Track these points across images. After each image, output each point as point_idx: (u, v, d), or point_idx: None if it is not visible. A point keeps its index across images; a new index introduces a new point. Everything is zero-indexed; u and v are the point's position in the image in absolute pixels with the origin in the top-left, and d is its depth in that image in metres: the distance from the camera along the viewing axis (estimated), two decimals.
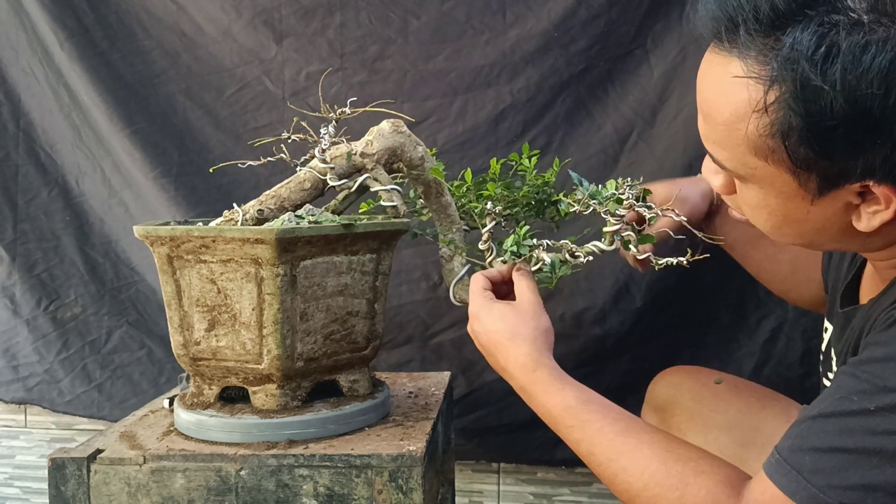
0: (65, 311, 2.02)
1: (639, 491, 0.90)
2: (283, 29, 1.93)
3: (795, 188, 0.82)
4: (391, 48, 1.90)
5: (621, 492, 0.93)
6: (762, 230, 0.91)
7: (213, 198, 1.93)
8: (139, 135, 1.93)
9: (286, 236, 1.10)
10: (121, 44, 1.95)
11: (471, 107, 1.89)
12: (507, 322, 1.02)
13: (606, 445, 0.93)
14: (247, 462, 1.11)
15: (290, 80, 1.94)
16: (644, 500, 0.90)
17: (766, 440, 1.26)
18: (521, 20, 1.86)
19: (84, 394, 2.00)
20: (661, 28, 1.82)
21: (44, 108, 2.01)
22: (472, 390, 1.89)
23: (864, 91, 0.73)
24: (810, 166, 0.79)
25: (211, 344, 1.18)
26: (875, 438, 0.77)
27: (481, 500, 2.03)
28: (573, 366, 1.84)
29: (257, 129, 1.94)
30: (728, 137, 0.83)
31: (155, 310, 2.02)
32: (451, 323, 1.91)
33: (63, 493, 1.13)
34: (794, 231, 0.88)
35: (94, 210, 2.03)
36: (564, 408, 0.97)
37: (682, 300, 1.83)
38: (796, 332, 1.78)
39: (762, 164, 0.82)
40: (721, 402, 1.34)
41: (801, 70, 0.74)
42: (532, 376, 1.00)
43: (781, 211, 0.85)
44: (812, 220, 0.85)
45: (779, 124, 0.78)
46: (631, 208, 1.02)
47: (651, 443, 0.91)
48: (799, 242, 0.91)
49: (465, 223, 1.30)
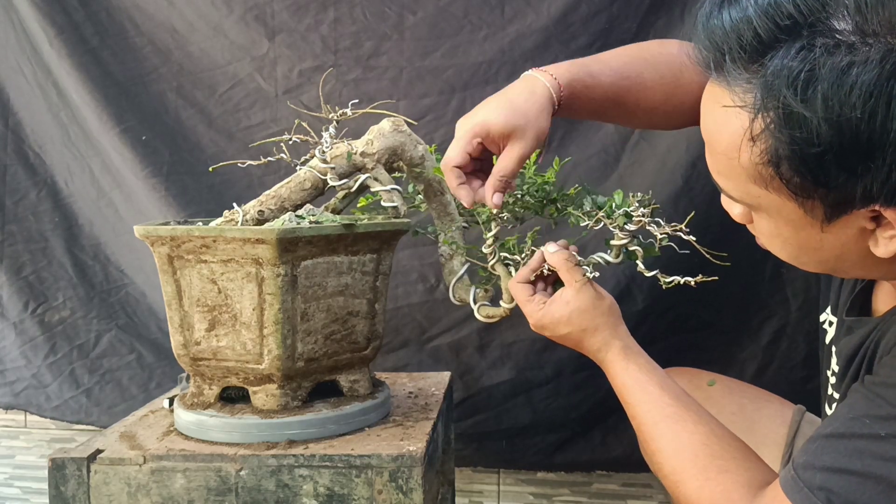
0: (53, 315, 2.06)
1: (666, 474, 1.02)
2: (276, 25, 1.97)
3: (802, 215, 0.83)
4: (386, 44, 1.94)
5: (655, 469, 1.05)
6: (785, 260, 0.93)
7: (204, 197, 1.98)
8: (129, 133, 1.97)
9: (287, 236, 1.16)
10: (111, 41, 1.99)
11: (469, 104, 1.89)
12: (572, 324, 1.13)
13: (650, 427, 1.05)
14: (247, 462, 1.16)
15: (282, 78, 1.98)
16: (669, 483, 1.02)
17: (759, 441, 1.33)
18: (520, 16, 1.90)
19: (72, 399, 2.04)
20: (662, 24, 1.86)
21: (32, 107, 2.05)
22: (469, 395, 1.94)
23: (848, 115, 0.73)
24: (809, 193, 0.80)
25: (211, 344, 1.24)
26: (883, 464, 0.84)
27: (481, 500, 2.08)
28: (573, 369, 1.91)
29: (250, 128, 1.98)
30: (729, 168, 0.86)
31: (145, 313, 2.06)
32: (449, 326, 1.95)
33: (63, 493, 1.18)
34: (813, 259, 0.90)
35: (83, 211, 2.07)
36: (623, 386, 1.09)
37: (685, 303, 1.86)
38: (799, 335, 1.83)
39: (764, 193, 0.83)
40: (714, 404, 1.39)
41: (782, 97, 0.75)
42: (603, 358, 1.12)
43: (795, 240, 0.87)
44: (828, 248, 0.86)
45: (768, 153, 0.79)
46: (642, 226, 1.09)
47: (692, 433, 1.02)
48: (823, 270, 0.93)
49: (464, 220, 1.37)
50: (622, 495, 2.04)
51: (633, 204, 1.09)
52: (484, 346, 1.96)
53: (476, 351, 1.95)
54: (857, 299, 1.09)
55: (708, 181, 1.80)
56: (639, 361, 1.10)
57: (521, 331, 1.92)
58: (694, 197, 1.81)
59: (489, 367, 1.95)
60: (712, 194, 1.81)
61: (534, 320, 1.16)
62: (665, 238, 1.09)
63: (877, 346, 0.98)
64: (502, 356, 1.95)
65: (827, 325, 1.20)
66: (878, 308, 1.05)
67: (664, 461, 1.03)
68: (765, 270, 1.84)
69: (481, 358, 1.95)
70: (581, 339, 1.13)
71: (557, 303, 1.13)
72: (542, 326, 1.15)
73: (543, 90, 1.09)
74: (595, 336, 1.12)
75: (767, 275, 1.84)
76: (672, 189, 1.82)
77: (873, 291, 1.08)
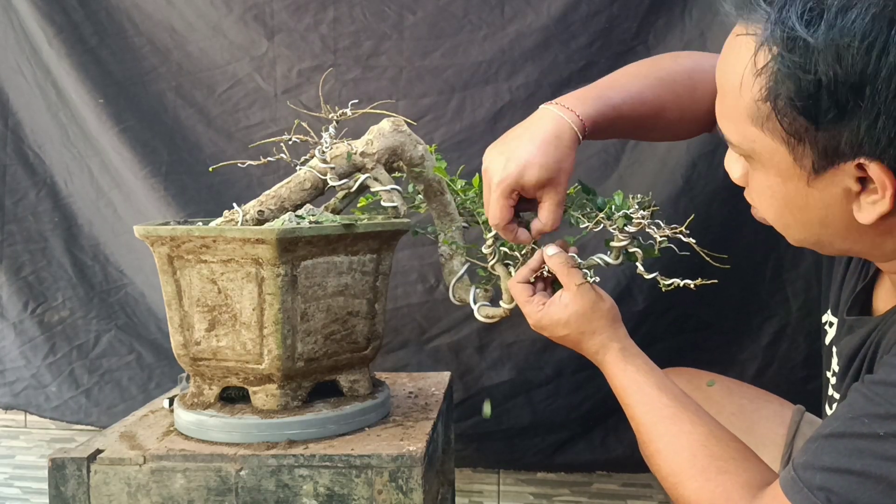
0: (52, 315, 2.08)
1: (665, 475, 1.04)
2: (275, 24, 1.98)
3: (791, 164, 0.88)
4: (386, 44, 1.96)
5: (654, 470, 1.07)
6: (771, 223, 0.98)
7: (203, 197, 1.99)
8: (128, 133, 1.98)
9: (287, 236, 1.18)
10: (110, 40, 2.01)
11: (468, 104, 1.94)
12: (570, 326, 1.15)
13: (649, 427, 1.06)
14: (247, 462, 1.18)
15: (281, 77, 1.99)
16: (668, 485, 1.03)
17: (759, 442, 1.34)
18: (520, 15, 1.91)
19: (71, 399, 2.06)
20: (663, 24, 1.87)
21: (32, 107, 2.06)
22: (469, 395, 1.95)
23: (847, 43, 0.79)
24: (801, 136, 0.85)
25: (211, 344, 1.26)
26: (883, 464, 0.85)
27: (481, 500, 2.10)
28: (573, 369, 1.92)
29: (249, 128, 2.00)
30: (733, 108, 0.91)
31: (144, 313, 2.08)
32: (449, 326, 1.97)
33: (63, 493, 1.20)
34: (798, 221, 0.94)
35: (82, 211, 2.09)
36: (621, 387, 1.11)
37: (685, 303, 1.85)
38: (799, 335, 1.85)
39: (759, 136, 0.89)
40: (713, 405, 1.40)
41: (789, 24, 0.81)
42: (601, 360, 1.15)
43: (782, 193, 0.92)
44: (813, 208, 0.90)
45: (769, 87, 0.85)
46: (641, 228, 1.11)
47: (690, 434, 1.03)
48: (807, 238, 0.97)
49: (464, 220, 1.39)
50: (622, 495, 2.05)
51: (633, 206, 1.10)
52: (484, 347, 1.97)
53: (476, 351, 1.96)
54: (857, 299, 1.10)
55: (708, 181, 1.85)
56: (636, 363, 1.12)
57: (521, 331, 1.93)
58: (694, 197, 1.82)
59: (489, 368, 1.96)
60: (712, 194, 1.86)
61: (533, 321, 1.18)
62: (665, 241, 1.10)
63: (878, 345, 1.00)
64: (502, 357, 1.97)
65: (828, 325, 1.22)
66: (879, 307, 1.07)
67: (663, 462, 1.04)
68: (765, 271, 1.85)
69: (481, 358, 1.96)
70: (579, 340, 1.15)
71: (556, 305, 1.15)
72: (541, 327, 1.17)
73: (570, 134, 1.11)
74: (593, 338, 1.14)
75: (768, 275, 1.85)
76: (672, 189, 1.83)
77: (874, 291, 1.09)
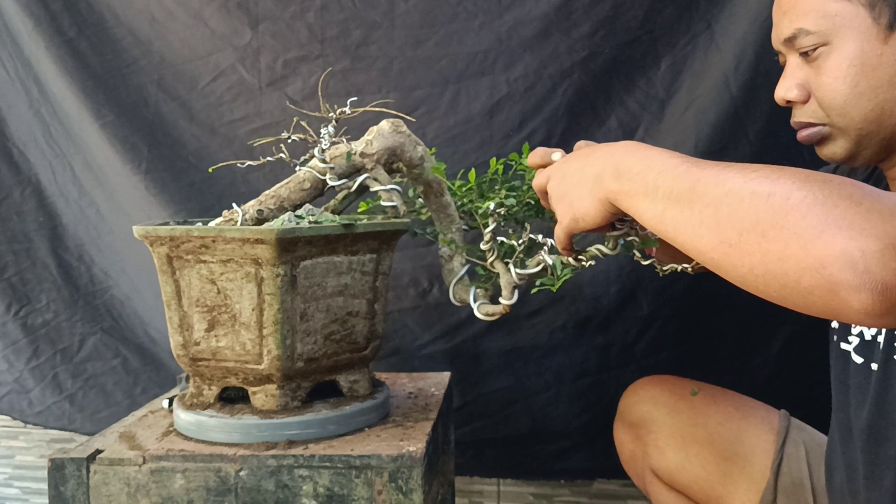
0: (36, 317, 2.19)
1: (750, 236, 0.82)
2: (259, 12, 2.07)
3: (870, 24, 1.14)
4: (376, 33, 2.04)
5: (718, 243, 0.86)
6: (842, 101, 1.18)
7: (185, 195, 2.09)
8: (108, 129, 2.08)
9: (286, 236, 1.29)
10: (90, 31, 2.10)
11: (463, 97, 2.02)
12: (571, 159, 1.09)
13: (712, 187, 0.88)
14: (246, 462, 1.29)
15: (266, 69, 2.08)
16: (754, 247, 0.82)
17: (748, 450, 1.47)
18: (519, 2, 1.99)
19: (55, 404, 2.18)
20: (670, 13, 1.96)
21: (14, 104, 2.16)
22: (466, 402, 2.06)
23: None
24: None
25: (211, 344, 1.39)
26: None
27: (481, 500, 2.23)
28: (574, 376, 2.03)
29: (233, 122, 2.09)
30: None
31: (130, 316, 2.18)
32: (443, 332, 2.07)
33: (63, 493, 1.32)
34: (870, 85, 1.15)
35: (67, 211, 2.19)
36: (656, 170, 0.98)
37: (692, 309, 1.98)
38: (810, 341, 1.90)
39: (841, 5, 1.15)
40: (699, 414, 1.53)
41: None
42: (617, 162, 1.03)
43: (859, 58, 1.15)
44: (885, 65, 1.14)
45: None
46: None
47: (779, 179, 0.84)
48: (872, 111, 1.17)
49: (464, 223, 1.51)
50: (622, 496, 2.18)
51: None
52: (481, 354, 2.06)
53: (472, 358, 2.05)
54: None
55: None
56: (659, 148, 1.00)
57: (520, 337, 2.03)
58: None
59: (486, 374, 2.05)
60: None
61: (539, 181, 1.17)
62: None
63: None
64: (500, 363, 2.06)
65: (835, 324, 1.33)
66: None
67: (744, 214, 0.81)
68: None
69: (478, 365, 2.05)
70: (583, 166, 1.05)
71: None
72: (548, 177, 1.14)
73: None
74: (597, 150, 1.06)
75: None
76: None
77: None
